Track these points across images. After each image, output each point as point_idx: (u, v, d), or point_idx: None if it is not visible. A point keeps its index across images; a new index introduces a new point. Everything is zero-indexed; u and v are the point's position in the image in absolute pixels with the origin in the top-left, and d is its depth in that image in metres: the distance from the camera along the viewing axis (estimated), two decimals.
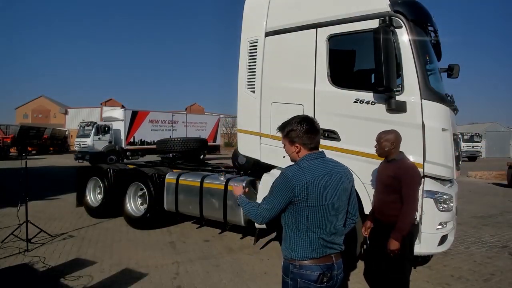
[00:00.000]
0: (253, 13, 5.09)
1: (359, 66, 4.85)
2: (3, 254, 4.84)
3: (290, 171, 1.91)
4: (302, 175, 1.86)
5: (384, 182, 3.18)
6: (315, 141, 1.99)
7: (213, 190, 5.43)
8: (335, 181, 1.93)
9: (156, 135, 21.08)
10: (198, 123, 25.97)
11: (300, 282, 1.87)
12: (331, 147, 4.32)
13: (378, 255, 3.29)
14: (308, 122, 1.98)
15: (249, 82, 5.04)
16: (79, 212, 7.49)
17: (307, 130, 1.95)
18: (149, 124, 22.41)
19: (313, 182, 1.85)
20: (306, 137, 1.95)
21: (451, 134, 4.11)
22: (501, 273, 4.54)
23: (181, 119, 24.96)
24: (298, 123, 1.98)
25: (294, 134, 1.97)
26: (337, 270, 1.95)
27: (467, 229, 6.77)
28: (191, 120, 25.68)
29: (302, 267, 1.88)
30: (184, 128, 24.56)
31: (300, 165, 1.93)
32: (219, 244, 5.59)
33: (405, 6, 4.02)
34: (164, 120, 23.51)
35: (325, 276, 1.87)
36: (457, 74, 4.80)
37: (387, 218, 3.11)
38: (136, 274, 4.26)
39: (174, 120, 24.11)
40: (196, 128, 25.50)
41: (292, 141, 1.99)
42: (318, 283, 1.86)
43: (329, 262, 1.91)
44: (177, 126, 24.12)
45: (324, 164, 1.95)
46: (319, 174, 1.89)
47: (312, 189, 1.85)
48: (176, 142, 7.31)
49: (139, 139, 21.72)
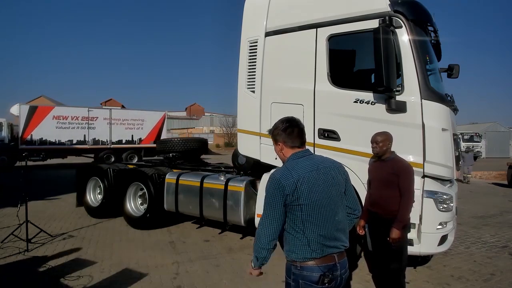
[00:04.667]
0: (253, 13, 5.09)
1: (359, 66, 4.85)
2: (3, 254, 4.84)
3: (277, 172, 1.94)
4: (289, 174, 1.88)
5: (384, 179, 3.33)
6: (297, 140, 2.01)
7: (213, 190, 5.43)
8: (324, 176, 1.93)
9: (65, 134, 18.54)
10: (130, 120, 21.00)
11: (301, 283, 1.87)
12: (331, 147, 4.32)
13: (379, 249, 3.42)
14: (288, 121, 2.04)
15: (249, 82, 5.04)
16: (79, 212, 7.48)
17: (286, 127, 2.01)
18: (53, 121, 18.42)
19: (300, 180, 1.86)
20: (285, 135, 2.00)
21: (451, 134, 4.11)
22: (501, 273, 4.54)
23: (103, 115, 20.19)
24: (280, 123, 2.06)
25: (276, 132, 2.05)
26: (341, 270, 1.92)
27: (467, 229, 6.77)
28: (118, 117, 20.63)
29: (303, 268, 1.87)
30: (107, 126, 20.01)
31: (286, 165, 1.97)
32: (219, 244, 5.59)
33: (405, 6, 4.02)
34: (76, 117, 19.15)
35: (326, 277, 1.85)
36: (457, 74, 4.80)
37: (388, 212, 3.28)
38: (136, 274, 4.26)
39: (91, 117, 19.55)
40: (126, 126, 20.71)
41: (275, 140, 2.06)
42: (319, 284, 1.85)
43: (330, 262, 1.88)
44: (96, 123, 19.65)
45: (310, 161, 1.97)
46: (305, 171, 1.90)
47: (301, 187, 1.85)
48: (176, 142, 7.31)
49: (38, 138, 17.98)
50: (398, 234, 3.16)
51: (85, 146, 19.12)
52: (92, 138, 19.31)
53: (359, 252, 4.38)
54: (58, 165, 19.64)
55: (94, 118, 19.69)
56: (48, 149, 17.57)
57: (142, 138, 21.08)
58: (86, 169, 7.81)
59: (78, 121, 19.22)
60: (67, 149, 18.78)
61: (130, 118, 21.03)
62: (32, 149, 17.21)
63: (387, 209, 3.28)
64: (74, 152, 19.28)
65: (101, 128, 19.76)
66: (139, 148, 20.79)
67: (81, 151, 19.50)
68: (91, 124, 19.52)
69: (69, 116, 18.95)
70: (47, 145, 18.00)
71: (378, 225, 3.41)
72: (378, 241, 3.43)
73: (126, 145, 20.39)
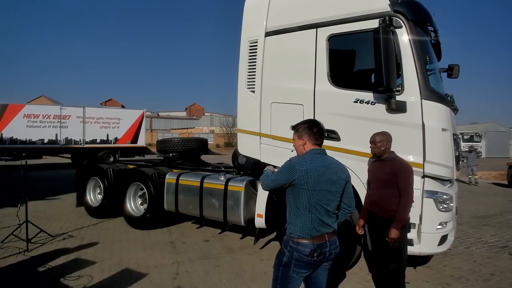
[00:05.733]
0: (253, 13, 5.09)
1: (359, 66, 4.84)
2: (3, 254, 4.84)
3: (295, 159, 2.37)
4: (303, 163, 2.31)
5: (383, 179, 3.33)
6: (320, 139, 2.44)
7: (213, 190, 5.43)
8: (331, 173, 2.35)
9: (36, 133, 17.94)
10: (106, 119, 20.13)
11: (295, 255, 2.30)
12: (331, 147, 4.32)
13: (378, 248, 3.43)
14: (313, 122, 2.51)
15: (249, 82, 5.04)
16: (79, 212, 7.48)
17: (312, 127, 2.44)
18: (23, 120, 17.86)
19: (312, 170, 2.28)
20: (311, 132, 2.41)
21: (451, 134, 4.11)
22: (501, 273, 4.53)
23: (76, 113, 19.27)
24: (307, 122, 2.51)
25: (302, 129, 2.45)
26: (330, 246, 2.35)
27: (467, 229, 6.77)
28: (92, 115, 19.75)
29: (298, 243, 2.30)
30: (81, 125, 19.22)
31: (305, 156, 2.37)
32: (219, 244, 5.59)
33: (405, 6, 4.02)
34: (48, 115, 18.42)
35: (316, 252, 2.29)
36: (457, 74, 4.80)
37: (386, 212, 3.28)
38: (136, 274, 4.26)
39: (63, 115, 18.78)
40: (101, 125, 19.88)
41: (300, 135, 2.44)
42: (309, 257, 2.29)
43: (322, 240, 2.32)
44: (69, 122, 18.87)
45: (324, 159, 2.39)
46: (318, 165, 2.32)
47: (311, 175, 2.27)
48: (176, 142, 7.30)
49: (8, 137, 17.49)
50: (396, 234, 3.16)
51: (56, 145, 18.50)
52: (64, 137, 18.63)
53: (359, 252, 4.38)
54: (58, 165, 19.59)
55: (67, 117, 18.91)
56: (18, 149, 17.12)
57: (118, 137, 20.22)
58: (86, 169, 7.81)
59: (50, 120, 18.49)
60: (38, 148, 18.09)
61: (105, 116, 20.18)
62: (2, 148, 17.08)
63: (386, 209, 3.28)
64: (48, 152, 18.69)
65: (74, 127, 19.01)
66: (115, 148, 19.95)
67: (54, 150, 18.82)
68: (64, 122, 18.77)
69: (40, 114, 18.32)
70: (17, 144, 17.50)
71: (377, 225, 3.41)
72: (378, 241, 3.43)
73: (100, 144, 19.62)
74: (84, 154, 19.00)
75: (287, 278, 2.35)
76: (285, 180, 2.31)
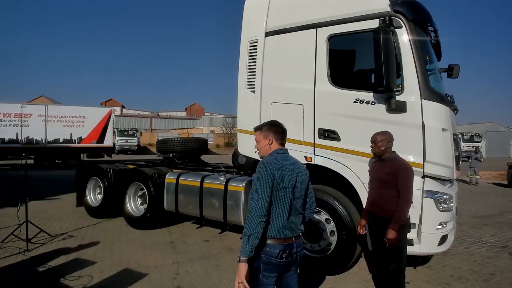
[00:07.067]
0: (253, 13, 5.09)
1: (359, 66, 4.84)
2: (3, 254, 4.84)
3: (267, 159, 2.35)
4: (276, 161, 2.30)
5: (383, 179, 3.32)
6: (284, 138, 2.47)
7: (213, 190, 5.42)
8: (297, 171, 2.37)
9: None
10: (69, 117, 19.08)
11: (263, 258, 2.26)
12: (331, 147, 4.32)
13: (378, 249, 3.41)
14: (275, 123, 2.51)
15: (249, 82, 5.04)
16: (79, 212, 7.48)
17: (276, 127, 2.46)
18: None
19: (285, 167, 2.29)
20: (275, 132, 2.44)
21: (451, 134, 4.11)
22: (501, 273, 4.54)
23: (38, 111, 18.43)
24: (269, 122, 2.52)
25: (267, 129, 2.46)
26: (296, 248, 2.34)
27: (467, 229, 6.77)
28: (55, 114, 18.81)
29: (267, 245, 2.26)
30: (43, 124, 18.38)
31: (273, 155, 2.37)
32: (219, 244, 5.59)
33: (405, 6, 4.02)
34: (8, 113, 17.64)
35: (284, 253, 2.26)
36: (457, 74, 4.80)
37: (385, 212, 3.26)
38: (136, 274, 4.26)
39: (24, 114, 17.98)
40: (64, 123, 18.94)
41: (266, 135, 2.45)
42: (278, 258, 2.25)
43: (289, 242, 2.30)
44: (30, 120, 18.07)
45: (289, 158, 2.42)
46: (286, 163, 2.34)
47: (285, 172, 2.27)
48: (176, 142, 7.30)
49: None
50: (394, 235, 3.14)
51: (17, 145, 17.70)
52: (25, 137, 17.90)
53: (359, 252, 4.38)
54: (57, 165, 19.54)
55: (28, 115, 18.08)
56: None
57: (82, 137, 19.33)
58: (86, 169, 7.80)
59: (10, 118, 17.77)
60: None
61: (69, 115, 19.17)
62: None
63: (386, 209, 3.27)
64: (11, 152, 17.71)
65: (35, 126, 18.15)
66: (79, 148, 19.35)
67: (14, 150, 17.54)
68: (25, 121, 17.95)
69: (1, 113, 17.67)
70: None
71: (377, 225, 3.41)
72: (377, 241, 3.42)
73: (63, 144, 18.90)
74: (47, 154, 18.45)
75: (257, 285, 2.28)
76: (269, 184, 2.20)
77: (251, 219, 2.19)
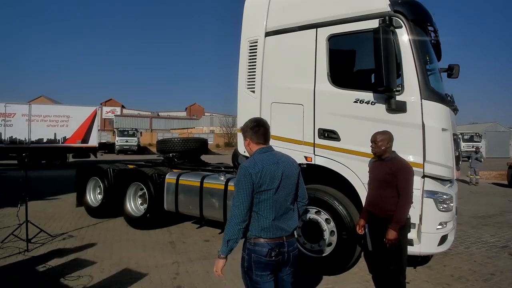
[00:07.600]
0: (253, 13, 5.09)
1: (359, 66, 4.84)
2: (3, 254, 4.84)
3: (245, 163, 2.29)
4: (255, 164, 2.24)
5: (382, 179, 3.31)
6: (262, 138, 2.37)
7: (213, 190, 5.43)
8: (283, 168, 2.31)
9: None
10: (53, 117, 18.64)
11: (253, 257, 2.26)
12: (331, 147, 4.32)
13: (378, 249, 3.41)
14: (256, 121, 2.41)
15: (249, 82, 5.04)
16: (79, 212, 7.48)
17: (253, 126, 2.36)
18: None
19: (264, 170, 2.22)
20: (252, 132, 2.36)
21: (451, 134, 4.11)
22: (501, 273, 4.54)
23: (22, 111, 18.02)
24: (249, 122, 2.42)
25: (245, 130, 2.41)
26: (288, 247, 2.30)
27: (467, 229, 6.77)
28: (39, 113, 18.37)
29: (255, 244, 2.26)
30: (27, 123, 17.95)
31: (253, 158, 2.31)
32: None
33: (405, 6, 4.02)
34: None
35: (274, 251, 2.24)
36: (457, 74, 4.80)
37: (385, 212, 3.25)
38: (136, 274, 4.26)
39: (7, 113, 17.52)
40: (48, 123, 18.47)
41: (244, 136, 2.42)
42: (267, 257, 2.24)
43: (279, 241, 2.26)
44: (14, 120, 17.64)
45: (272, 156, 2.34)
46: (268, 163, 2.27)
47: (265, 175, 2.21)
48: (176, 142, 7.31)
49: None
50: (394, 235, 3.13)
51: (1, 145, 17.34)
52: (8, 137, 17.48)
53: (359, 252, 4.38)
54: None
55: (11, 115, 17.63)
56: None
57: (67, 136, 18.88)
58: (86, 169, 7.80)
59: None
60: None
61: (53, 114, 18.71)
62: None
63: (385, 209, 3.26)
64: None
65: (19, 126, 17.72)
66: (63, 148, 18.96)
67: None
68: (8, 121, 17.50)
69: None
70: None
71: (377, 225, 3.40)
72: (377, 241, 3.42)
73: (47, 144, 18.45)
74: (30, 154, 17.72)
75: (254, 284, 2.29)
76: (248, 190, 2.19)
77: (230, 225, 2.24)
